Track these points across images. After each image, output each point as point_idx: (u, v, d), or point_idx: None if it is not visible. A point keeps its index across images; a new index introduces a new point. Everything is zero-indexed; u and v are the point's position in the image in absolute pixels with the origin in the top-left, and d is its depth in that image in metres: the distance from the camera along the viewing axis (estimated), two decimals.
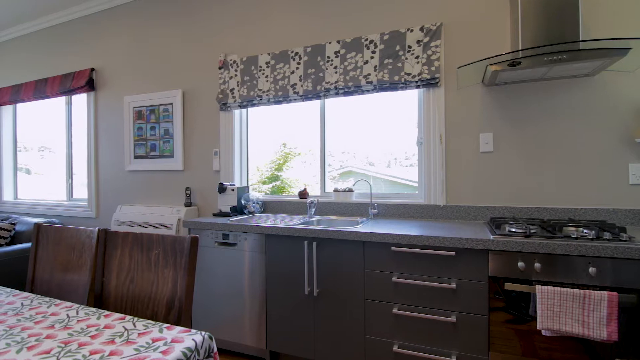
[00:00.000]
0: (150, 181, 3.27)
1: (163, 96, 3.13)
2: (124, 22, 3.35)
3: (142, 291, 1.22)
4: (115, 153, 3.45)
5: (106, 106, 3.50)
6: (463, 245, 1.58)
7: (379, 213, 2.36)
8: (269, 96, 2.61)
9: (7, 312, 1.09)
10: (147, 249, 1.24)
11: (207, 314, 2.25)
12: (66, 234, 1.44)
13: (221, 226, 2.19)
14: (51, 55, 3.84)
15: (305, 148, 2.89)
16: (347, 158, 2.73)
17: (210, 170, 2.96)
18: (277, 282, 2.04)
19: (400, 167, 2.58)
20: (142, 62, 3.27)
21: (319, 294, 1.92)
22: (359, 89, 2.33)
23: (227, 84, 2.79)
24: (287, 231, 1.97)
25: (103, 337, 0.92)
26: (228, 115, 2.85)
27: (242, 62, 2.73)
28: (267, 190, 3.04)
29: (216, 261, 2.23)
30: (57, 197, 4.01)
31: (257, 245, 2.10)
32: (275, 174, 3.21)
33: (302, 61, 2.50)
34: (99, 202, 3.57)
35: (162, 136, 3.17)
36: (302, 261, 1.96)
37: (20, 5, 3.50)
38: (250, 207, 2.62)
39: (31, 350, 0.86)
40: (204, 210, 3.00)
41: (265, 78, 2.63)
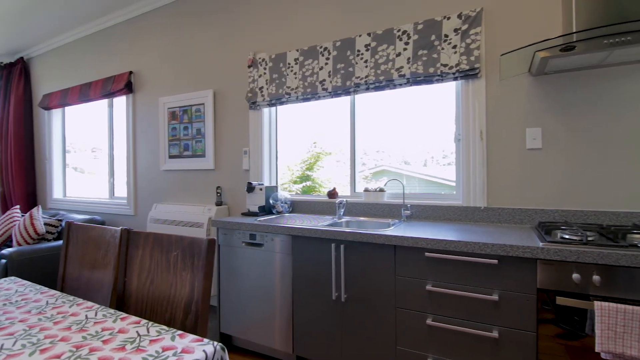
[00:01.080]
0: (184, 180, 3.33)
1: (195, 96, 3.17)
2: (159, 25, 3.44)
3: (161, 293, 1.19)
4: (151, 153, 3.55)
5: (143, 107, 3.61)
6: (507, 252, 1.41)
7: (413, 215, 2.22)
8: (297, 93, 2.54)
9: (31, 311, 1.10)
10: (166, 250, 1.21)
11: (236, 314, 2.22)
12: (93, 232, 1.45)
13: (248, 226, 2.15)
14: (94, 60, 4.04)
15: (336, 147, 2.79)
16: (382, 157, 2.60)
17: (240, 170, 2.96)
18: (304, 285, 1.96)
19: (437, 166, 2.42)
20: (176, 63, 3.34)
21: (347, 300, 1.82)
22: (390, 83, 2.19)
23: (256, 82, 2.76)
24: (313, 232, 1.89)
25: (115, 342, 0.89)
26: (257, 114, 2.83)
27: (271, 59, 2.68)
28: (297, 190, 2.98)
29: (244, 262, 2.20)
30: (101, 195, 4.21)
31: (284, 246, 2.04)
32: (305, 173, 3.16)
33: (331, 56, 2.40)
34: (137, 201, 3.69)
35: (195, 136, 3.21)
36: (330, 264, 1.87)
37: (66, 13, 3.70)
38: (279, 207, 2.57)
39: (43, 353, 0.84)
40: (234, 209, 3.00)
41: (294, 75, 2.57)
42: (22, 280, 1.41)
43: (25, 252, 2.97)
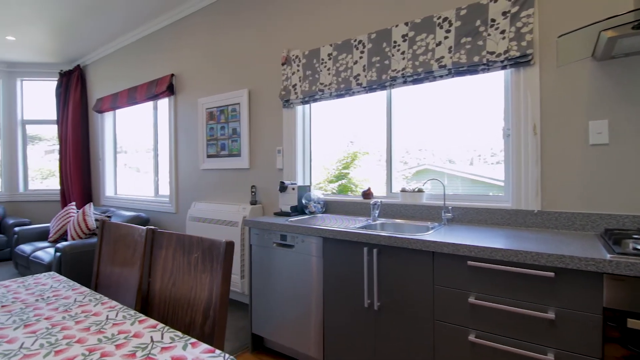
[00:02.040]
0: (221, 179, 3.37)
1: (231, 96, 3.19)
2: (198, 28, 3.51)
3: (183, 296, 1.15)
4: (191, 152, 3.65)
5: (184, 109, 3.72)
6: (566, 264, 1.22)
7: (455, 218, 2.04)
8: (330, 90, 2.45)
9: (58, 308, 1.11)
10: (187, 252, 1.17)
11: (267, 315, 2.18)
12: (123, 231, 1.47)
13: (278, 226, 2.10)
14: (141, 64, 4.24)
15: (372, 144, 2.66)
16: (424, 155, 2.43)
17: (274, 169, 2.93)
18: (335, 290, 1.87)
19: (485, 165, 2.21)
20: (213, 64, 3.39)
21: (381, 308, 1.70)
22: (430, 75, 2.03)
23: (289, 80, 2.71)
24: (345, 235, 1.79)
25: (127, 347, 0.86)
26: (291, 112, 2.78)
27: (304, 56, 2.62)
28: (333, 189, 2.90)
29: (275, 263, 2.15)
30: (147, 193, 4.42)
31: (315, 248, 1.96)
32: (341, 172, 3.06)
33: (366, 49, 2.28)
34: (178, 199, 3.82)
35: (231, 135, 3.24)
36: (362, 269, 1.76)
37: (115, 22, 3.91)
38: (311, 207, 2.50)
39: (58, 355, 0.82)
40: (268, 208, 2.98)
41: (327, 71, 2.48)
42: (59, 275, 1.46)
43: (77, 246, 3.16)
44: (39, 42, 4.47)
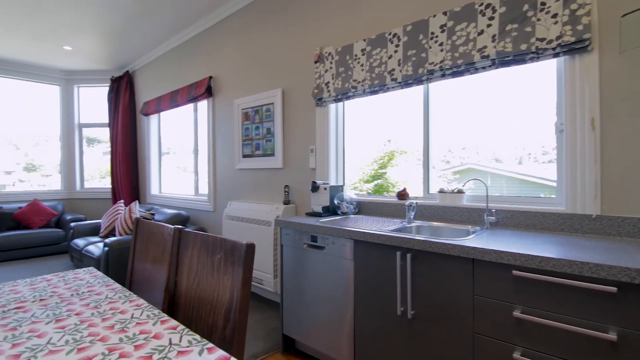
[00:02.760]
0: (255, 179, 3.40)
1: (265, 96, 3.21)
2: (234, 30, 3.57)
3: (206, 297, 1.14)
4: (228, 152, 3.72)
5: (221, 110, 3.81)
6: (632, 279, 1.05)
7: (499, 222, 1.87)
8: (364, 86, 2.37)
9: (90, 304, 1.14)
10: (211, 252, 1.16)
11: (298, 317, 2.15)
12: (155, 229, 1.49)
13: (308, 227, 2.05)
14: (181, 68, 4.40)
15: (411, 143, 2.54)
16: (468, 154, 2.28)
17: (307, 168, 2.89)
18: (366, 295, 1.79)
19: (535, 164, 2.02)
20: (249, 64, 3.43)
21: (415, 317, 1.59)
22: (471, 67, 1.88)
23: (322, 77, 2.66)
24: (377, 238, 1.70)
25: (145, 349, 0.85)
26: (323, 110, 2.73)
27: (337, 52, 2.55)
28: (368, 190, 2.81)
29: (305, 264, 2.11)
30: (188, 192, 4.59)
31: (345, 250, 1.89)
32: (378, 172, 2.97)
33: (401, 42, 2.17)
34: (216, 198, 3.91)
35: (265, 135, 3.26)
36: (395, 274, 1.67)
37: (159, 29, 4.09)
38: (344, 208, 2.43)
39: (79, 352, 0.83)
40: (301, 208, 2.95)
41: (361, 67, 2.40)
42: (97, 271, 1.52)
43: (122, 241, 3.34)
44: (93, 50, 4.80)
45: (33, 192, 5.55)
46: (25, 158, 5.74)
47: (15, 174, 5.64)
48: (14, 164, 5.62)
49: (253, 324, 2.61)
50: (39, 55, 4.92)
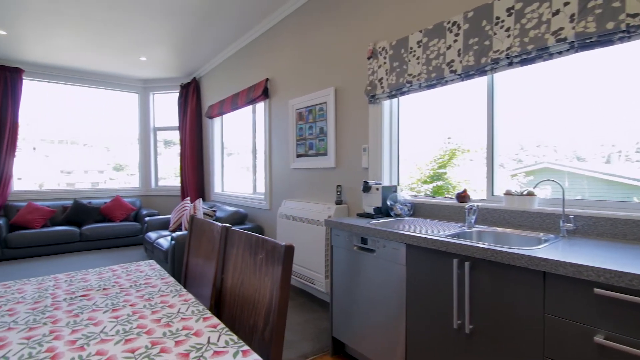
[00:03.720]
0: (309, 178, 3.41)
1: (318, 95, 3.19)
2: (289, 31, 3.62)
3: (249, 296, 1.14)
4: (283, 152, 3.79)
5: (277, 111, 3.89)
6: None
7: (578, 229, 1.62)
8: (419, 80, 2.23)
9: (144, 296, 1.21)
10: (254, 252, 1.15)
11: (348, 320, 2.09)
12: (206, 227, 1.55)
13: (358, 229, 1.98)
14: (241, 72, 4.59)
15: (473, 140, 2.34)
16: (544, 152, 2.03)
17: (360, 168, 2.82)
18: (419, 304, 1.67)
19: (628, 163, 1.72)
20: (303, 64, 3.44)
21: (473, 332, 1.44)
22: (544, 53, 1.65)
23: (375, 74, 2.56)
24: (431, 243, 1.58)
25: (184, 345, 0.86)
26: (377, 108, 2.63)
27: (392, 47, 2.44)
28: (427, 191, 2.66)
29: (355, 267, 2.04)
30: (247, 190, 4.78)
31: (397, 255, 1.78)
32: (437, 172, 2.79)
33: (462, 31, 1.99)
34: (272, 196, 4.01)
35: (318, 135, 3.25)
36: (451, 284, 1.53)
37: (221, 36, 4.31)
38: (397, 210, 2.31)
39: (126, 344, 0.87)
40: (353, 208, 2.89)
41: (416, 60, 2.26)
42: (156, 264, 1.62)
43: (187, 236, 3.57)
44: (165, 60, 5.23)
45: (116, 189, 6.23)
46: (114, 159, 6.47)
47: (106, 172, 6.40)
48: (105, 164, 6.37)
49: (303, 323, 2.60)
50: (120, 67, 5.50)
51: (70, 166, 6.09)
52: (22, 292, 1.25)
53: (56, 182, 5.97)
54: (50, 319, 1.02)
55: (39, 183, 5.80)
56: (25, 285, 1.32)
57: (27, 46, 4.59)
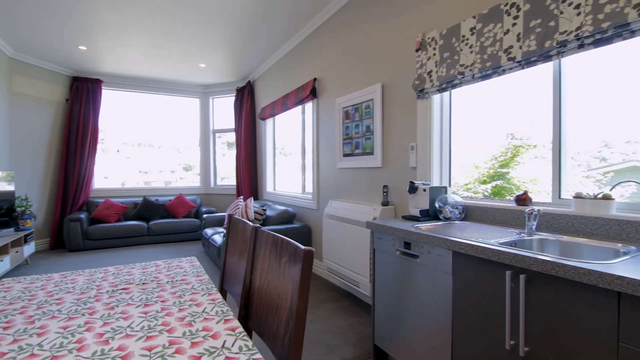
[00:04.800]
0: (355, 178, 3.33)
1: (365, 93, 3.09)
2: (335, 30, 3.57)
3: (272, 300, 1.10)
4: (330, 152, 3.75)
5: (324, 110, 3.86)
6: None
7: None
8: (472, 71, 2.03)
9: (176, 293, 1.24)
10: (279, 254, 1.11)
11: (390, 328, 1.98)
12: (240, 226, 1.55)
13: (400, 232, 1.86)
14: (291, 73, 4.64)
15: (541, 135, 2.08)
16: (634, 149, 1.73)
17: (407, 167, 2.66)
18: (467, 318, 1.51)
19: None
20: (349, 62, 3.37)
21: (529, 356, 1.25)
22: (624, 30, 1.39)
23: (424, 66, 2.40)
24: (481, 251, 1.41)
25: (199, 348, 0.84)
26: (425, 103, 2.46)
27: (442, 36, 2.26)
28: (485, 192, 2.44)
29: (397, 272, 1.92)
30: (296, 190, 4.83)
31: (442, 262, 1.63)
32: (498, 171, 2.55)
33: (522, 12, 1.77)
34: (319, 196, 3.99)
35: (364, 133, 3.15)
36: (503, 298, 1.35)
37: (271, 40, 4.40)
38: (446, 212, 2.13)
39: (146, 341, 0.88)
40: (400, 210, 2.74)
41: (469, 49, 2.06)
42: (197, 261, 1.67)
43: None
44: (221, 66, 5.49)
45: (180, 187, 6.70)
46: (184, 160, 7.00)
47: (176, 172, 6.94)
48: (176, 165, 6.92)
49: (346, 327, 2.53)
50: (182, 74, 5.90)
51: (147, 167, 6.72)
52: (74, 282, 1.35)
53: (135, 181, 6.62)
54: (89, 310, 1.08)
55: (122, 182, 6.48)
56: (78, 276, 1.43)
57: (103, 59, 5.13)
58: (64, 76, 5.55)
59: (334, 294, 3.24)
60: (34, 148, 5.20)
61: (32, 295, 1.21)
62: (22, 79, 4.99)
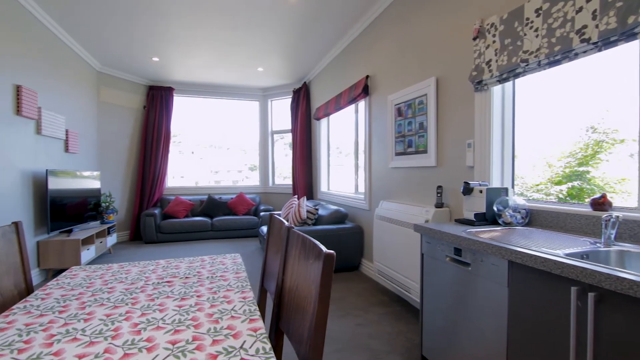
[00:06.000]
0: (407, 178, 3.18)
1: (418, 88, 2.93)
2: (387, 25, 3.44)
3: (299, 303, 1.08)
4: (382, 151, 3.63)
5: (376, 108, 3.75)
6: None
7: None
8: (538, 57, 1.79)
9: (212, 289, 1.27)
10: (307, 256, 1.08)
11: (440, 340, 1.84)
12: (277, 225, 1.56)
13: (450, 237, 1.71)
14: (343, 72, 4.60)
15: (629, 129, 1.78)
16: None
17: (464, 166, 2.46)
18: (525, 337, 1.33)
19: None
20: (401, 57, 3.22)
21: None
22: None
23: (482, 56, 2.19)
24: (540, 262, 1.23)
25: (217, 347, 0.85)
26: (484, 95, 2.25)
27: (502, 21, 2.04)
28: (559, 193, 2.17)
29: (447, 280, 1.78)
30: (349, 190, 4.78)
31: (497, 273, 1.46)
32: (576, 170, 2.25)
33: None
34: (371, 196, 3.90)
35: (417, 131, 2.99)
36: (568, 319, 1.16)
37: (324, 40, 4.40)
38: (506, 217, 1.92)
39: (173, 335, 0.91)
40: (456, 213, 2.55)
41: (534, 33, 1.83)
42: (239, 258, 1.71)
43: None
44: (278, 68, 5.65)
45: (241, 186, 7.06)
46: (250, 160, 7.39)
47: (243, 172, 7.36)
48: (242, 165, 7.34)
49: (395, 334, 2.42)
50: (242, 78, 6.19)
51: (217, 167, 7.23)
52: (128, 273, 1.47)
53: (207, 180, 7.15)
54: (132, 300, 1.15)
55: (195, 180, 7.04)
56: (133, 267, 1.56)
57: (174, 68, 5.59)
58: (142, 85, 6.18)
59: (384, 297, 3.13)
60: (117, 150, 5.87)
61: (91, 282, 1.34)
62: (108, 89, 5.65)
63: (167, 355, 0.80)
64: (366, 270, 3.90)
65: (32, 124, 3.60)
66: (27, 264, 1.39)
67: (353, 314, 2.76)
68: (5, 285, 1.26)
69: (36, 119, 3.61)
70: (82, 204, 4.41)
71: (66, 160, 4.39)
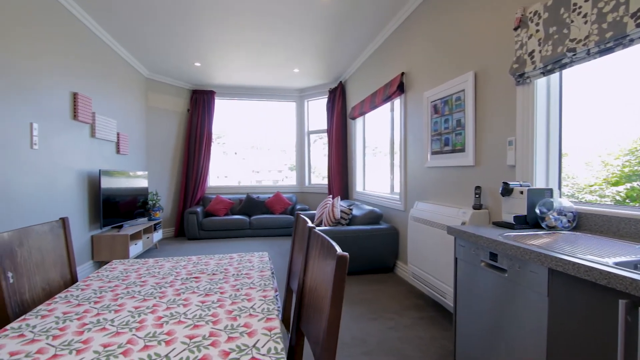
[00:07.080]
0: (443, 178, 3.05)
1: (455, 83, 2.80)
2: (421, 19, 3.32)
3: (316, 304, 1.06)
4: (418, 150, 3.52)
5: (412, 106, 3.64)
6: None
7: None
8: (587, 46, 1.63)
9: (235, 286, 1.30)
10: (325, 257, 1.07)
11: (473, 349, 1.74)
12: (301, 225, 1.55)
13: (486, 241, 1.61)
14: (379, 70, 4.52)
15: None
16: None
17: (504, 166, 2.31)
18: (566, 350, 1.22)
19: None
20: (437, 52, 3.10)
21: None
22: None
23: (524, 47, 2.04)
24: (584, 272, 1.12)
25: (231, 344, 0.86)
26: (526, 89, 2.09)
27: (546, 8, 1.89)
28: (617, 195, 1.98)
29: (481, 286, 1.68)
30: (385, 190, 4.69)
31: (536, 281, 1.35)
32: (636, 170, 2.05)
33: None
34: (407, 197, 3.79)
35: (455, 128, 2.85)
36: (615, 334, 1.04)
37: (358, 39, 4.35)
38: (550, 220, 1.77)
39: (192, 330, 0.94)
40: (496, 215, 2.40)
41: (583, 19, 1.67)
42: (266, 256, 1.74)
43: (324, 231, 3.76)
44: (313, 69, 5.68)
45: (279, 186, 7.19)
46: (289, 160, 7.54)
47: (283, 172, 7.52)
48: (282, 165, 7.50)
49: (429, 339, 2.33)
50: (279, 80, 6.30)
51: (258, 167, 7.46)
52: (161, 268, 1.54)
53: (249, 179, 7.40)
54: (160, 294, 1.21)
55: (238, 180, 7.31)
56: (167, 262, 1.63)
57: (214, 72, 5.82)
58: (185, 90, 6.51)
59: (418, 301, 3.03)
60: (163, 152, 6.23)
61: (127, 276, 1.43)
62: (155, 94, 6.02)
63: (182, 350, 0.83)
64: (401, 273, 3.80)
65: (87, 128, 3.92)
66: (72, 257, 1.51)
67: (385, 317, 2.70)
68: (52, 276, 1.38)
69: (91, 123, 3.93)
70: (132, 201, 4.73)
71: (117, 161, 4.73)
